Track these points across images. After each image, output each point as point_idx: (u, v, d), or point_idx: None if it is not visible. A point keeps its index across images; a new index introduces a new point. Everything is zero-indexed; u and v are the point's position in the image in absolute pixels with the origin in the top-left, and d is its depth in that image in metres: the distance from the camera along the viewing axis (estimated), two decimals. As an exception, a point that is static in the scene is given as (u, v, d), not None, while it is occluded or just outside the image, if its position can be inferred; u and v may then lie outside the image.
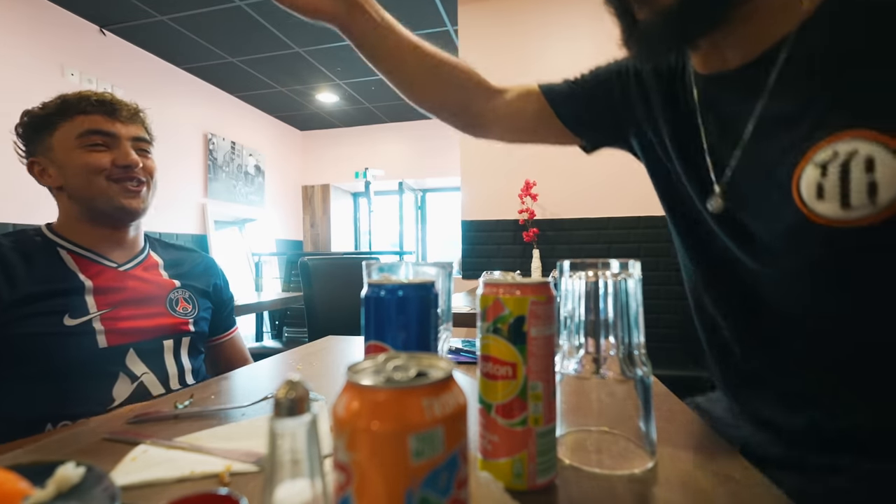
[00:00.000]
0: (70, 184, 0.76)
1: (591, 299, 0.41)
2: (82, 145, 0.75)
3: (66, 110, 0.75)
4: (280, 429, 0.21)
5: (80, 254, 0.77)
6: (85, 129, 0.75)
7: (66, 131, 0.75)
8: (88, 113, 0.76)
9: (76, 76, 2.93)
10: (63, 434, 0.48)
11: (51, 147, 0.76)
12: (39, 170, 0.77)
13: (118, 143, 0.77)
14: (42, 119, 0.76)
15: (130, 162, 0.77)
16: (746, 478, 0.37)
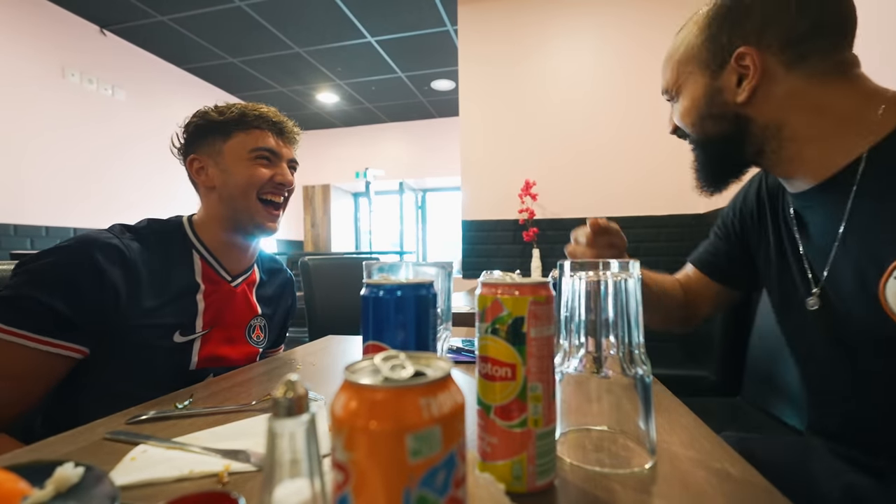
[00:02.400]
0: (228, 189, 0.80)
1: (591, 299, 0.41)
2: (253, 158, 0.80)
3: (245, 122, 0.80)
4: (279, 429, 0.21)
5: (208, 260, 0.80)
6: (260, 146, 0.80)
7: (240, 141, 0.79)
8: (264, 130, 0.81)
9: (77, 77, 2.94)
10: (62, 434, 0.48)
11: (220, 151, 0.80)
12: (198, 167, 0.81)
13: (280, 161, 0.83)
14: (218, 124, 0.80)
15: (287, 181, 0.83)
16: (745, 477, 0.37)
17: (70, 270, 0.64)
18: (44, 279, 0.63)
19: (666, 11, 2.41)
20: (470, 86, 2.69)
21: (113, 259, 0.67)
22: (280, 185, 0.83)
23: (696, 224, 2.37)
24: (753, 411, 1.30)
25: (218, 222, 0.81)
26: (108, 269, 0.66)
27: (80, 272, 0.64)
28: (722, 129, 0.59)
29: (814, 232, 0.59)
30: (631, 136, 2.46)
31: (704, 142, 0.62)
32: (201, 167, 0.81)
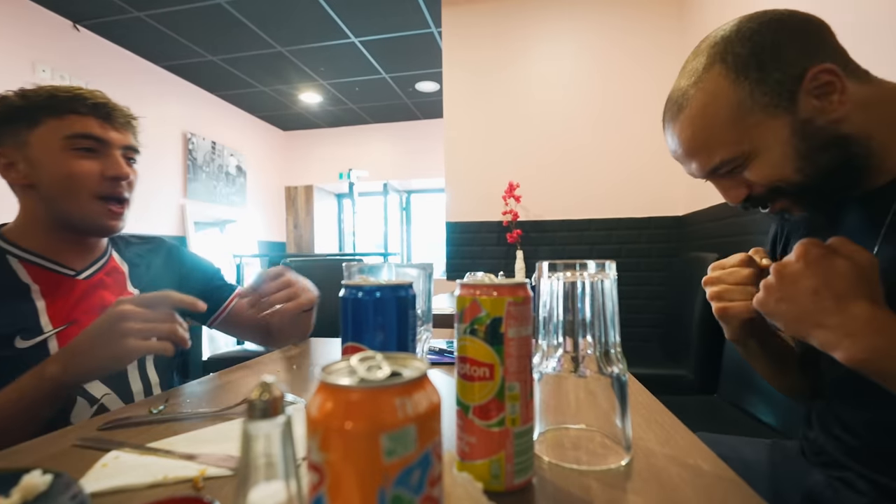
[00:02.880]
0: (46, 187, 0.69)
1: (569, 299, 0.42)
2: (69, 148, 0.68)
3: (56, 106, 0.68)
4: (254, 431, 0.21)
5: (31, 261, 0.70)
6: (76, 132, 0.68)
7: (51, 129, 0.68)
8: (82, 114, 0.69)
9: (48, 73, 2.84)
10: (32, 441, 0.47)
11: (27, 142, 0.68)
12: (5, 163, 0.69)
13: (109, 150, 0.71)
14: (21, 110, 0.68)
15: (121, 173, 0.71)
16: (716, 472, 0.38)
17: None
18: None
19: (646, 17, 2.46)
20: (454, 88, 2.70)
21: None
22: (114, 180, 0.71)
23: (676, 225, 2.43)
24: (729, 409, 1.34)
25: (40, 225, 0.71)
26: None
27: None
28: (835, 156, 0.52)
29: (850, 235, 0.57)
30: (613, 138, 2.50)
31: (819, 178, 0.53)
32: (9, 163, 0.69)
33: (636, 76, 2.47)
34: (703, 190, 2.14)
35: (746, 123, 0.53)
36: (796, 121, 0.51)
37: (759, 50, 0.52)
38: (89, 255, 0.77)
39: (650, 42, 2.46)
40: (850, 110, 0.51)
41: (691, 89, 0.55)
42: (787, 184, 0.54)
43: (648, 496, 0.35)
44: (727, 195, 0.59)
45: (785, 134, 0.52)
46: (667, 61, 2.43)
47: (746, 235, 1.67)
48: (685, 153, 0.58)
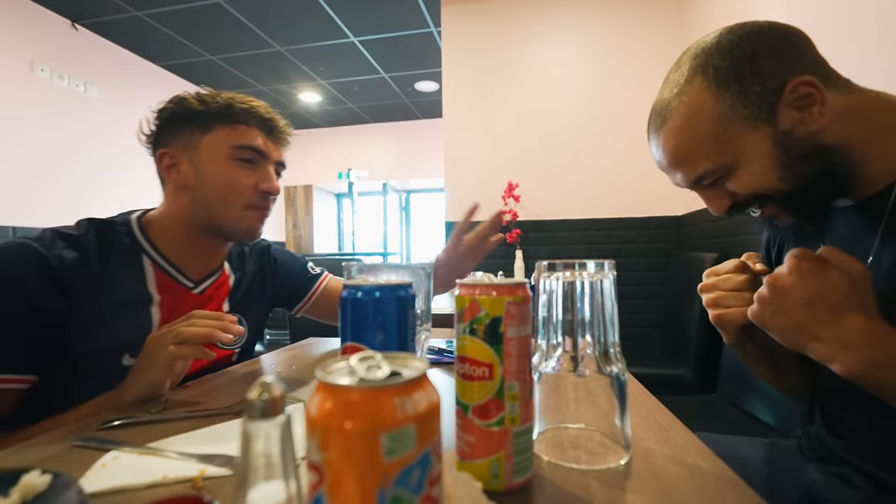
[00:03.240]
0: (204, 191, 0.70)
1: (568, 299, 0.42)
2: (234, 157, 0.70)
3: (231, 116, 0.70)
4: (253, 431, 0.21)
5: (161, 266, 0.71)
6: (243, 143, 0.70)
7: (222, 137, 0.70)
8: (250, 126, 0.71)
9: (46, 72, 2.84)
10: (31, 441, 0.47)
11: (197, 146, 0.70)
12: (169, 163, 0.71)
13: (265, 164, 0.73)
14: (198, 114, 0.70)
15: (273, 189, 0.73)
16: (715, 471, 0.39)
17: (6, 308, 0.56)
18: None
19: (645, 18, 2.47)
20: (453, 87, 2.70)
21: (42, 277, 0.59)
22: (265, 193, 0.73)
23: (675, 225, 2.43)
24: (728, 408, 1.34)
25: (184, 224, 0.72)
26: (37, 292, 0.58)
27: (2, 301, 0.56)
28: (817, 165, 0.52)
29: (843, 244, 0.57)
30: (612, 138, 2.50)
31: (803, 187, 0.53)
32: (172, 164, 0.71)
33: (635, 76, 2.47)
34: (702, 190, 2.14)
35: (728, 135, 0.53)
36: (777, 132, 0.52)
37: (739, 63, 0.52)
38: (211, 263, 0.79)
39: (649, 43, 2.46)
40: (831, 121, 0.51)
41: (674, 101, 0.55)
42: (772, 191, 0.54)
43: (647, 495, 0.35)
44: (711, 205, 0.59)
45: (766, 146, 0.52)
46: (666, 62, 2.42)
47: (745, 235, 1.67)
48: (669, 164, 0.59)
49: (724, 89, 0.52)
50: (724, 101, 0.52)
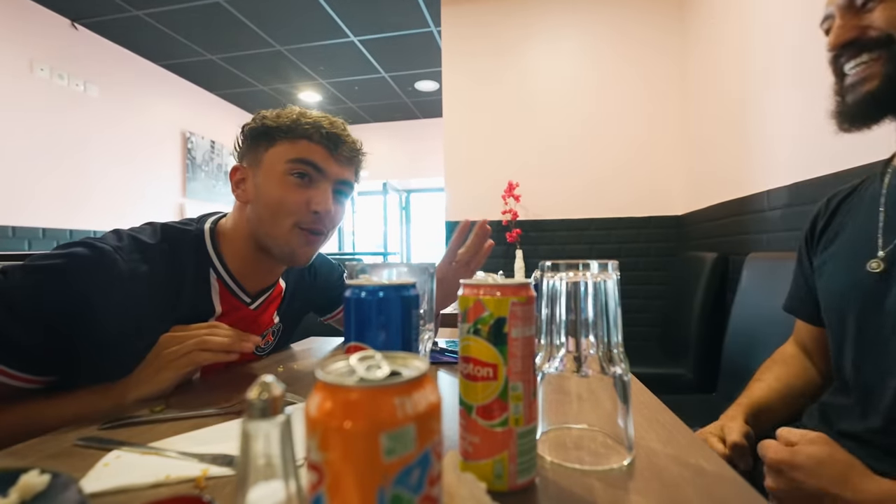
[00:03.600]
0: (258, 208, 0.69)
1: (571, 299, 0.41)
2: (290, 172, 0.68)
3: (295, 130, 0.68)
4: (253, 430, 0.21)
5: (225, 281, 0.71)
6: (300, 157, 0.67)
7: (282, 150, 0.68)
8: (313, 141, 0.69)
9: (46, 71, 2.84)
10: (32, 440, 0.46)
11: (261, 161, 0.69)
12: (239, 178, 0.71)
13: (323, 182, 0.70)
14: (267, 130, 0.69)
15: (325, 209, 0.69)
16: (718, 471, 0.38)
17: (55, 300, 0.55)
18: (22, 309, 0.54)
19: (646, 17, 2.46)
20: (453, 87, 2.70)
21: (112, 285, 0.58)
22: (317, 214, 0.69)
23: (675, 225, 2.43)
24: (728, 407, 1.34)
25: (244, 238, 0.72)
26: (103, 300, 0.57)
27: (67, 302, 0.55)
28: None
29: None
30: (612, 138, 2.50)
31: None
32: (242, 178, 0.71)
33: (636, 76, 2.47)
34: (702, 189, 2.14)
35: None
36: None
37: None
38: (268, 279, 0.78)
39: (650, 42, 2.46)
40: None
41: None
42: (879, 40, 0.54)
43: (650, 496, 0.35)
44: (836, 33, 0.58)
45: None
46: (666, 61, 2.43)
47: (745, 235, 1.67)
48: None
49: None
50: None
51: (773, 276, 1.23)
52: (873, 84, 0.56)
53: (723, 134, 1.90)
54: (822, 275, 0.70)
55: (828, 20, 0.62)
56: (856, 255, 0.62)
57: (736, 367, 1.36)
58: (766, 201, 1.53)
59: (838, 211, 0.71)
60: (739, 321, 1.38)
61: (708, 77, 2.06)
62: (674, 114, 2.43)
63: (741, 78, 1.69)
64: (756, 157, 1.62)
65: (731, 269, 1.70)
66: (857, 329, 0.61)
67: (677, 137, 2.43)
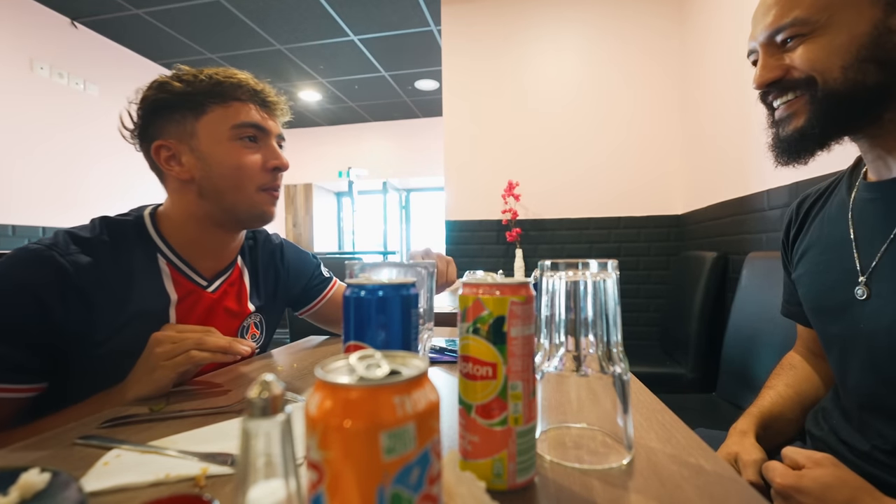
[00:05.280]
0: (213, 182, 0.66)
1: (571, 298, 0.41)
2: (235, 138, 0.65)
3: (221, 93, 0.65)
4: (253, 429, 0.21)
5: (176, 266, 0.69)
6: (242, 122, 0.65)
7: (218, 118, 0.65)
8: (243, 101, 0.66)
9: (46, 70, 2.83)
10: (32, 439, 0.46)
11: (194, 133, 0.64)
12: (168, 155, 0.66)
13: (268, 140, 0.69)
14: (185, 97, 0.64)
15: (283, 164, 0.69)
16: (717, 471, 0.38)
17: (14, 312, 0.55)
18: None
19: (646, 18, 2.46)
20: (454, 86, 2.69)
21: (56, 285, 0.57)
22: (275, 171, 0.69)
23: (675, 224, 2.43)
24: (728, 407, 1.34)
25: (195, 219, 0.69)
26: (51, 300, 0.56)
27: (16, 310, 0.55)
28: (880, 79, 0.50)
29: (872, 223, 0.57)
30: (612, 137, 2.50)
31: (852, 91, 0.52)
32: (171, 155, 0.66)
33: (636, 75, 2.47)
34: (702, 189, 2.14)
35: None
36: (883, 24, 0.50)
37: None
38: (224, 259, 0.76)
39: (650, 42, 2.46)
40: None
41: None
42: (822, 80, 0.53)
43: (650, 495, 0.35)
44: (760, 72, 0.58)
45: (863, 28, 0.50)
46: (666, 61, 2.43)
47: (745, 234, 1.67)
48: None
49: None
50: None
51: (772, 276, 1.23)
52: (800, 121, 0.57)
53: (723, 134, 1.90)
54: (802, 286, 0.69)
55: (753, 54, 0.62)
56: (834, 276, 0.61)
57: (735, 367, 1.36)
58: (766, 201, 1.53)
59: (808, 217, 0.70)
60: (739, 320, 1.38)
61: (708, 77, 2.06)
62: (674, 113, 2.43)
63: (741, 77, 1.69)
64: (756, 156, 1.62)
65: (731, 269, 1.70)
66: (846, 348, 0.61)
67: (677, 137, 2.43)
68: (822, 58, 0.53)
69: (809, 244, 0.68)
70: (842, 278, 0.60)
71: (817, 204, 0.70)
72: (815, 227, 0.68)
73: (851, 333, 0.58)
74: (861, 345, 0.57)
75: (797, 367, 0.77)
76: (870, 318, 0.55)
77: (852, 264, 0.59)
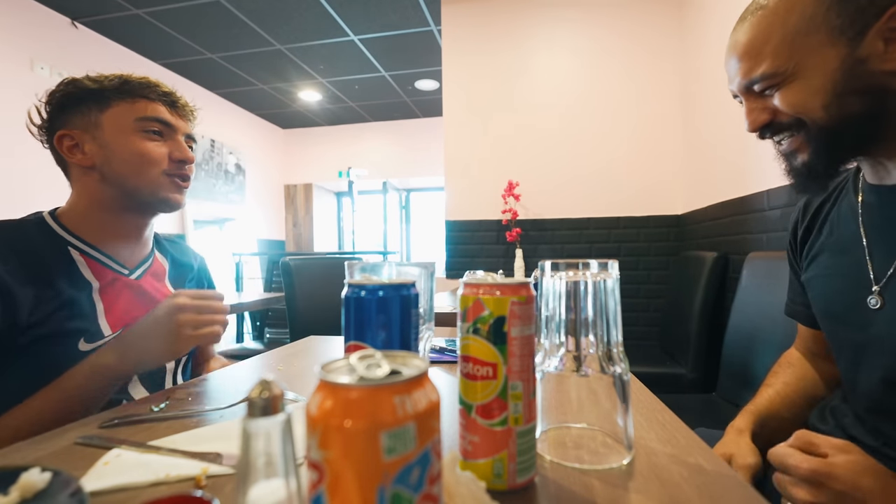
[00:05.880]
0: (114, 167, 0.69)
1: (571, 299, 0.41)
2: (140, 130, 0.70)
3: (129, 91, 0.70)
4: (254, 429, 0.21)
5: (91, 255, 0.69)
6: (147, 115, 0.70)
7: (123, 111, 0.69)
8: (151, 100, 0.71)
9: (46, 70, 2.84)
10: (33, 438, 0.46)
11: (98, 124, 0.69)
12: (70, 144, 0.69)
13: (174, 135, 0.74)
14: (92, 92, 0.69)
15: (187, 157, 0.74)
16: (717, 471, 0.38)
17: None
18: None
19: (646, 17, 2.46)
20: (454, 86, 2.69)
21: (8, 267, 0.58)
22: (181, 163, 0.73)
23: (675, 224, 2.43)
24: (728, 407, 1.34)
25: (98, 205, 0.71)
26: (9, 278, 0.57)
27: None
28: (866, 106, 0.51)
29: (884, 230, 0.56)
30: (612, 137, 2.50)
31: (840, 124, 0.52)
32: (74, 144, 0.69)
33: (636, 75, 2.46)
34: (702, 189, 2.14)
35: (806, 41, 0.52)
36: (851, 57, 0.50)
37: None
38: (140, 250, 0.77)
39: (650, 41, 2.46)
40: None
41: None
42: (810, 119, 0.53)
43: (650, 495, 0.35)
44: (749, 117, 0.58)
45: (833, 66, 0.51)
46: (666, 61, 2.43)
47: (745, 234, 1.67)
48: (741, 53, 0.57)
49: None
50: (821, 6, 0.51)
51: (772, 276, 1.23)
52: (805, 156, 0.57)
53: (723, 133, 1.90)
54: (812, 289, 0.68)
55: (736, 97, 0.61)
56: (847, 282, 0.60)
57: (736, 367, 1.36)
58: (766, 201, 1.53)
59: (818, 218, 0.69)
60: (739, 320, 1.38)
61: (708, 76, 2.06)
62: (674, 113, 2.43)
63: (741, 77, 1.69)
64: (756, 156, 1.62)
65: (731, 269, 1.70)
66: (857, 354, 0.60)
67: (677, 137, 2.43)
68: (801, 101, 0.53)
69: (821, 247, 0.67)
70: (854, 284, 0.59)
71: (826, 205, 0.69)
72: (826, 229, 0.67)
73: (864, 340, 0.58)
74: (873, 353, 0.57)
75: (795, 364, 0.77)
76: (883, 327, 0.55)
77: (865, 271, 0.58)
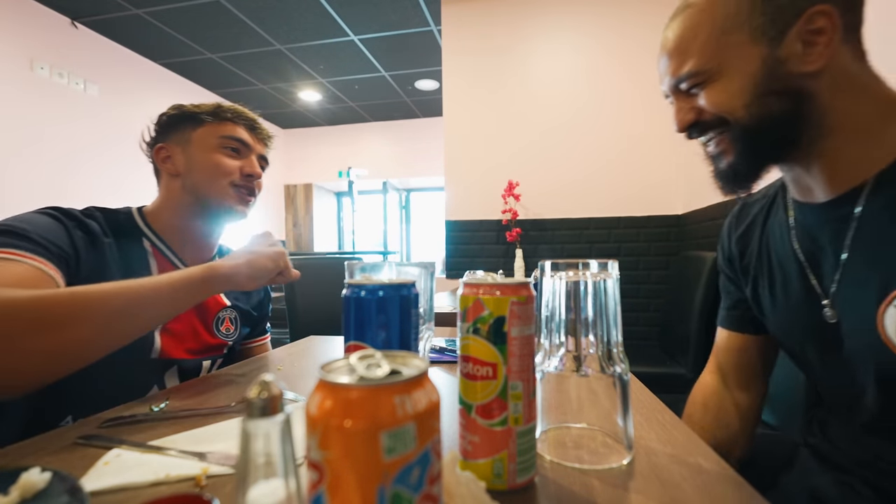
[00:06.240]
0: (193, 176, 0.80)
1: (571, 299, 0.41)
2: (221, 146, 0.81)
3: (219, 114, 0.82)
4: (253, 429, 0.21)
5: (159, 248, 0.79)
6: (228, 134, 0.81)
7: (210, 130, 0.81)
8: (236, 124, 0.83)
9: (46, 70, 2.84)
10: (32, 438, 0.46)
11: (189, 140, 0.80)
12: (164, 155, 0.81)
13: (249, 154, 0.84)
14: (191, 115, 0.81)
15: (255, 172, 0.84)
16: (717, 470, 0.38)
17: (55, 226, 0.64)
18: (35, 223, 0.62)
19: (646, 17, 2.46)
20: (454, 86, 2.69)
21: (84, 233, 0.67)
22: (249, 177, 0.83)
23: (675, 224, 2.43)
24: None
25: (176, 209, 0.81)
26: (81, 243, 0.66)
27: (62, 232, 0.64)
28: (785, 108, 0.51)
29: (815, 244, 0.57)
30: (612, 137, 2.50)
31: (761, 124, 0.53)
32: (168, 156, 0.81)
33: (636, 75, 2.46)
34: (702, 189, 2.14)
35: (728, 40, 0.52)
36: (771, 57, 0.51)
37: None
38: (204, 254, 0.86)
39: (650, 41, 2.45)
40: (826, 72, 0.49)
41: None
42: (733, 118, 0.54)
43: (650, 495, 0.35)
44: (677, 117, 0.60)
45: (754, 66, 0.51)
46: (667, 60, 2.43)
47: (746, 234, 1.67)
48: (669, 51, 0.58)
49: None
50: (746, 4, 0.51)
51: (772, 276, 1.23)
52: (730, 157, 0.57)
53: (723, 133, 1.90)
54: (759, 305, 0.67)
55: (668, 97, 0.62)
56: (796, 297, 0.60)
57: (735, 367, 1.36)
58: (766, 201, 1.53)
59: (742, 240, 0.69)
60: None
61: (708, 76, 2.06)
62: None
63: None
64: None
65: (731, 269, 1.69)
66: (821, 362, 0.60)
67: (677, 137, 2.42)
68: (724, 100, 0.54)
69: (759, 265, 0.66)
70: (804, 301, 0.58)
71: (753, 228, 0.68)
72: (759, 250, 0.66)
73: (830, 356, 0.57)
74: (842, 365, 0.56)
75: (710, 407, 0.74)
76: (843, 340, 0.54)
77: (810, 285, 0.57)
